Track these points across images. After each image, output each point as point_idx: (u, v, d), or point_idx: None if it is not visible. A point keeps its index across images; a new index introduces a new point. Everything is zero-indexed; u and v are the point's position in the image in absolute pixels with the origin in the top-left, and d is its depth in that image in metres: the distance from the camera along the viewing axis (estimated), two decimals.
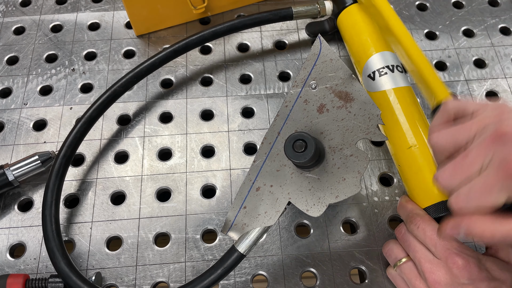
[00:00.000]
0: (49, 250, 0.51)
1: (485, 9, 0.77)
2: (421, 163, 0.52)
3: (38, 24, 0.75)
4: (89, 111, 0.59)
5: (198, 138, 0.64)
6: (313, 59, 0.42)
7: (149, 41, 0.73)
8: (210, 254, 0.56)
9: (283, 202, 0.43)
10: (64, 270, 0.49)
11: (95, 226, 0.58)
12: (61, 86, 0.69)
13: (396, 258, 0.49)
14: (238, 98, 0.67)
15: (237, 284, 0.54)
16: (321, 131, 0.42)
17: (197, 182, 0.61)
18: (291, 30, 0.74)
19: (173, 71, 0.70)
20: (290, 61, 0.71)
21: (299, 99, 0.42)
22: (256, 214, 0.44)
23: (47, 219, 0.52)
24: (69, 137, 0.57)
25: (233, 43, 0.73)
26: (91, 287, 0.48)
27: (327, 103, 0.41)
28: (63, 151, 0.56)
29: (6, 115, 0.66)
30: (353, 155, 0.41)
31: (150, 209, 0.59)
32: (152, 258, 0.56)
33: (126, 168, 0.62)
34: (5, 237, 0.57)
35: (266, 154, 0.43)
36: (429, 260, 0.43)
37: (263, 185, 0.43)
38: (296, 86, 0.42)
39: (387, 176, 0.62)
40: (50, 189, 0.54)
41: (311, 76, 0.42)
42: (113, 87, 0.61)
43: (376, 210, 0.58)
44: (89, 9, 0.77)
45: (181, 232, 0.57)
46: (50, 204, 0.53)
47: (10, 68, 0.70)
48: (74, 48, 0.72)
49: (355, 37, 0.63)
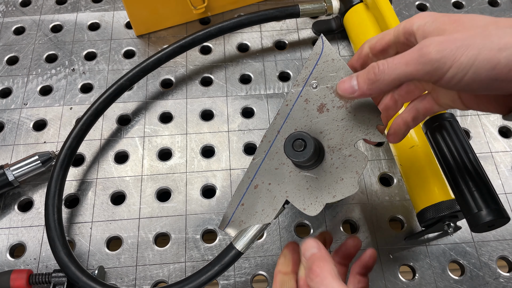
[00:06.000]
0: (50, 239, 0.51)
1: (485, 9, 0.77)
2: (423, 163, 0.52)
3: (38, 24, 0.75)
4: (101, 98, 0.60)
5: (198, 138, 0.64)
6: (315, 59, 0.42)
7: (149, 41, 0.73)
8: (210, 254, 0.56)
9: (281, 200, 0.43)
10: (64, 260, 0.50)
11: (95, 226, 0.57)
12: (61, 86, 0.69)
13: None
14: (238, 98, 0.67)
15: (237, 284, 0.54)
16: (320, 131, 0.42)
17: (197, 182, 0.60)
18: (291, 30, 0.74)
19: (173, 71, 0.70)
20: (290, 61, 0.71)
21: (299, 98, 0.42)
22: (253, 211, 0.44)
23: (49, 208, 0.52)
24: (75, 130, 0.58)
25: (233, 43, 0.73)
26: (89, 277, 0.49)
27: (328, 103, 0.41)
28: (68, 143, 0.57)
29: (6, 115, 0.66)
30: (352, 155, 0.41)
31: (150, 209, 0.59)
32: (152, 258, 0.56)
33: (126, 168, 0.62)
34: (5, 237, 0.57)
35: (265, 152, 0.43)
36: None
37: (261, 183, 0.43)
38: (297, 85, 0.42)
39: (387, 176, 0.62)
40: (54, 179, 0.54)
41: (312, 76, 0.42)
42: (119, 80, 0.62)
43: (376, 210, 0.58)
44: (89, 9, 0.77)
45: (181, 232, 0.57)
46: (54, 194, 0.54)
47: (10, 68, 0.70)
48: (74, 48, 0.72)
49: (361, 35, 0.63)
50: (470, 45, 0.31)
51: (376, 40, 0.40)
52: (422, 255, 0.55)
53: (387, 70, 0.34)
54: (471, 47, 0.31)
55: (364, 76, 0.36)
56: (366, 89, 0.36)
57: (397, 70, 0.34)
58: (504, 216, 0.42)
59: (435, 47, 0.32)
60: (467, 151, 0.46)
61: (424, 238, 0.56)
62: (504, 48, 0.30)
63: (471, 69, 0.31)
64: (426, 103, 0.41)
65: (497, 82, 0.31)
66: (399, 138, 0.43)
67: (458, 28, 0.32)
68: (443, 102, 0.40)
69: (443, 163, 0.47)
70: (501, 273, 0.54)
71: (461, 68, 0.31)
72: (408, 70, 0.33)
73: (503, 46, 0.30)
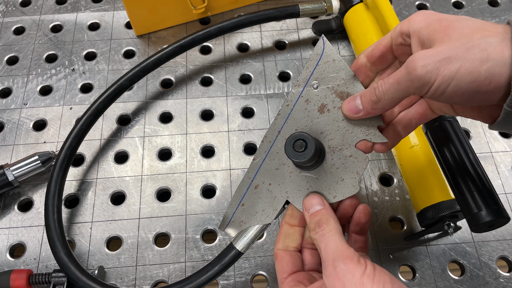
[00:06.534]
0: (50, 239, 0.51)
1: (485, 9, 0.77)
2: (423, 162, 0.52)
3: (38, 24, 0.75)
4: (101, 98, 0.60)
5: (198, 138, 0.64)
6: (315, 59, 0.42)
7: (149, 41, 0.73)
8: (210, 254, 0.56)
9: (281, 200, 0.43)
10: (64, 260, 0.49)
11: (95, 226, 0.57)
12: (61, 86, 0.69)
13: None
14: (238, 98, 0.67)
15: (237, 284, 0.54)
16: (321, 131, 0.42)
17: (197, 182, 0.60)
18: (291, 30, 0.74)
19: (173, 71, 0.70)
20: (290, 61, 0.71)
21: (300, 98, 0.42)
22: (253, 211, 0.44)
23: (49, 208, 0.52)
24: (74, 130, 0.58)
25: (233, 43, 0.73)
26: (89, 277, 0.49)
27: (328, 103, 0.41)
28: (68, 143, 0.57)
29: (6, 115, 0.66)
30: (353, 156, 0.41)
31: (150, 209, 0.59)
32: (152, 258, 0.56)
33: (126, 168, 0.62)
34: (5, 237, 0.57)
35: (266, 152, 0.43)
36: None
37: (261, 183, 0.43)
38: (298, 85, 0.42)
39: (387, 176, 0.62)
40: (54, 179, 0.54)
41: (313, 76, 0.42)
42: (119, 80, 0.62)
43: (376, 210, 0.58)
44: (89, 9, 0.77)
45: (181, 232, 0.57)
46: (53, 194, 0.53)
47: (10, 68, 0.70)
48: (74, 48, 0.72)
49: (361, 35, 0.63)
50: (452, 57, 0.32)
51: (372, 47, 0.40)
52: (422, 255, 0.55)
53: (386, 90, 0.36)
54: (454, 60, 0.31)
55: (367, 97, 0.38)
56: (370, 109, 0.38)
57: (392, 89, 0.35)
58: (504, 216, 0.42)
59: (420, 62, 0.33)
60: (467, 151, 0.46)
61: (424, 238, 0.56)
62: (485, 60, 0.31)
63: (452, 81, 0.32)
64: (420, 109, 0.41)
65: (479, 94, 0.32)
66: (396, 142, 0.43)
67: (444, 39, 0.33)
68: (435, 107, 0.41)
69: (443, 163, 0.47)
70: (501, 273, 0.54)
71: (444, 81, 0.32)
72: (400, 88, 0.35)
73: (484, 58, 0.31)
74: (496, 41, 0.31)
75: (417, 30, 0.35)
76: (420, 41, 0.35)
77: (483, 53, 0.31)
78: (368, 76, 0.41)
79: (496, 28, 0.32)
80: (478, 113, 0.37)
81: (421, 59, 0.33)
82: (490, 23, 0.33)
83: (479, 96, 0.32)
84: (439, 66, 0.32)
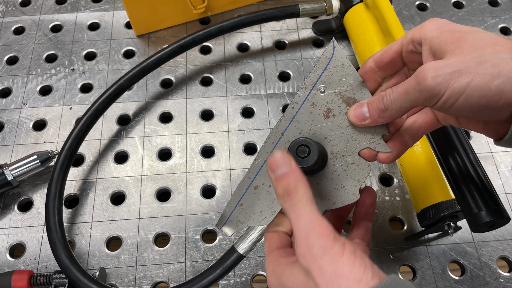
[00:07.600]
0: (51, 241, 0.51)
1: (485, 9, 0.77)
2: (423, 162, 0.52)
3: (38, 24, 0.75)
4: (101, 98, 0.60)
5: (198, 138, 0.64)
6: (324, 63, 0.41)
7: (149, 41, 0.73)
8: (210, 254, 0.56)
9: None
10: (65, 262, 0.49)
11: (95, 226, 0.57)
12: (61, 86, 0.68)
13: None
14: (238, 98, 0.67)
15: (237, 284, 0.54)
16: (325, 136, 0.41)
17: (197, 182, 0.60)
18: (291, 30, 0.74)
19: (173, 71, 0.70)
20: (290, 61, 0.71)
21: (306, 101, 0.42)
22: (252, 212, 0.44)
23: (50, 210, 0.52)
24: (74, 131, 0.58)
25: (233, 43, 0.73)
26: (90, 280, 0.48)
27: (334, 108, 0.41)
28: (69, 143, 0.57)
29: (6, 115, 0.66)
30: (355, 163, 0.41)
31: (150, 209, 0.59)
32: (152, 258, 0.56)
33: (126, 168, 0.62)
34: (5, 237, 0.57)
35: (267, 153, 0.43)
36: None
37: (261, 184, 0.43)
38: (305, 88, 0.42)
39: (387, 176, 0.62)
40: (55, 180, 0.54)
41: (321, 80, 0.41)
42: (119, 80, 0.62)
43: (377, 210, 0.58)
44: (89, 9, 0.77)
45: (181, 232, 0.57)
46: (54, 195, 0.53)
47: (10, 68, 0.70)
48: (74, 48, 0.72)
49: (361, 35, 0.63)
50: (463, 71, 0.31)
51: (382, 52, 0.40)
52: (422, 255, 0.55)
53: (394, 100, 0.36)
54: (465, 73, 0.31)
55: (375, 105, 0.38)
56: (377, 117, 0.38)
57: (400, 98, 0.35)
58: (504, 216, 0.42)
59: (431, 73, 0.32)
60: (468, 151, 0.46)
61: (424, 238, 0.56)
62: (496, 75, 0.30)
63: (462, 95, 0.31)
64: (427, 118, 0.41)
65: (488, 110, 0.32)
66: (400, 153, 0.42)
67: (456, 51, 0.33)
68: (441, 118, 0.40)
69: (443, 163, 0.47)
70: (501, 273, 0.54)
71: (453, 94, 0.32)
72: (409, 98, 0.35)
73: (496, 73, 0.30)
74: (508, 57, 0.31)
75: (428, 39, 0.35)
76: (432, 51, 0.35)
77: (494, 68, 0.31)
78: (376, 81, 0.41)
79: (508, 43, 0.32)
80: (483, 127, 0.37)
81: (431, 70, 0.32)
82: (503, 38, 0.33)
83: (488, 112, 0.32)
84: (450, 78, 0.32)
